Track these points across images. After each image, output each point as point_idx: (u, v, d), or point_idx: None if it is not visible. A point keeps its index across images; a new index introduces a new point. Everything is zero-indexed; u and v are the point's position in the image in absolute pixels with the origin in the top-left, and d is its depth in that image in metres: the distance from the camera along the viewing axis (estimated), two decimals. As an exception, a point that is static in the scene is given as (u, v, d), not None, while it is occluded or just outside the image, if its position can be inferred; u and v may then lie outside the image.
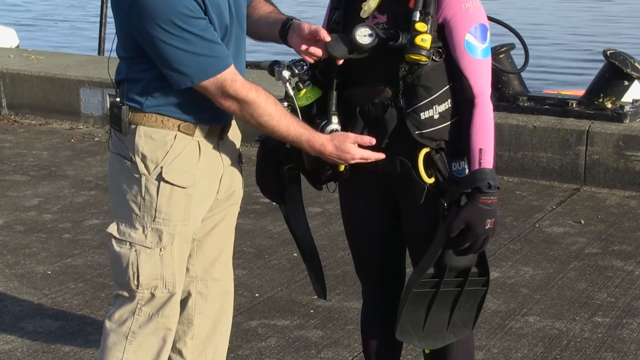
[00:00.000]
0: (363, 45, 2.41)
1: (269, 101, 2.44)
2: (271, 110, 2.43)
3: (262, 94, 2.44)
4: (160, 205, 2.48)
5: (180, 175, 2.49)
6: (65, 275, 4.52)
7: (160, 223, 2.49)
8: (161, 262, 2.50)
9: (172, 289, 2.54)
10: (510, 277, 4.48)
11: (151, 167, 2.48)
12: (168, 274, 2.52)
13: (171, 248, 2.51)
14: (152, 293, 2.53)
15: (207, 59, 2.35)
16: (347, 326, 3.93)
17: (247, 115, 2.44)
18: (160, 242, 2.49)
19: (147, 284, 2.51)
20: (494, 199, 2.42)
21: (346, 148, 2.48)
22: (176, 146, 2.48)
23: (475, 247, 2.46)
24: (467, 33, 2.41)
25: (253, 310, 4.10)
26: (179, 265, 2.55)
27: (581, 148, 6.00)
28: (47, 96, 8.08)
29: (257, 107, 2.42)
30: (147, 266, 2.50)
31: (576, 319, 4.00)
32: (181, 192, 2.50)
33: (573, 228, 5.24)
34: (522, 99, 6.32)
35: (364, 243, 2.74)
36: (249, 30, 2.64)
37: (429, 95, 2.44)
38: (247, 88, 2.41)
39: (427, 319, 2.59)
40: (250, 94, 2.41)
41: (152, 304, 2.54)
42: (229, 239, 2.77)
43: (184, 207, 2.51)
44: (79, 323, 3.96)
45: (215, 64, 2.36)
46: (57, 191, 5.99)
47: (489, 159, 2.42)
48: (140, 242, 2.49)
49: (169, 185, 2.48)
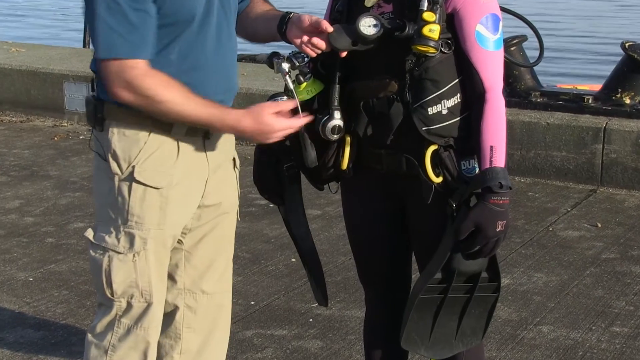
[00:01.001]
0: (368, 36, 2.42)
1: (169, 86, 2.38)
2: (172, 97, 2.38)
3: (162, 80, 2.38)
4: (132, 207, 2.47)
5: (155, 175, 2.47)
6: (48, 282, 4.52)
7: (133, 227, 2.48)
8: (135, 268, 2.50)
9: (148, 297, 2.53)
10: (522, 284, 4.49)
11: (123, 166, 2.47)
12: (143, 281, 2.51)
13: (145, 254, 2.49)
14: (128, 302, 2.52)
15: (120, 39, 2.33)
16: (348, 336, 3.93)
17: (144, 104, 2.39)
18: (133, 247, 2.48)
19: (122, 292, 2.51)
20: (506, 199, 2.43)
21: (265, 120, 2.42)
22: (150, 144, 2.47)
23: (485, 251, 2.46)
24: (478, 23, 2.42)
25: (248, 319, 4.11)
26: (157, 273, 2.54)
27: (598, 146, 6.01)
28: (28, 91, 8.09)
29: (155, 95, 2.36)
30: (120, 273, 2.49)
31: (592, 328, 4.01)
32: (155, 193, 2.48)
33: (589, 232, 5.25)
34: (534, 94, 6.34)
35: (368, 247, 2.75)
36: (246, 31, 2.65)
37: (437, 89, 2.44)
38: (148, 77, 2.36)
39: (434, 327, 2.60)
40: (147, 81, 2.35)
41: (130, 314, 2.54)
42: (221, 251, 2.74)
43: (158, 210, 2.49)
44: (63, 333, 3.96)
45: (124, 46, 2.34)
46: (40, 193, 5.99)
47: (501, 157, 2.43)
48: (113, 246, 2.49)
49: (142, 185, 2.47)
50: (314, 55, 2.51)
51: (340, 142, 2.60)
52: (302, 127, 2.57)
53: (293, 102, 2.48)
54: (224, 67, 2.53)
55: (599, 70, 12.46)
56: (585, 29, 18.61)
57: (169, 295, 2.70)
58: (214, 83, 2.51)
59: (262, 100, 2.49)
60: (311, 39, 2.47)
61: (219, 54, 2.50)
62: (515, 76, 6.38)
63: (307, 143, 2.59)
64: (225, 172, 2.68)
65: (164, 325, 2.72)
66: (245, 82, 6.97)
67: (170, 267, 2.67)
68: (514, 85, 6.36)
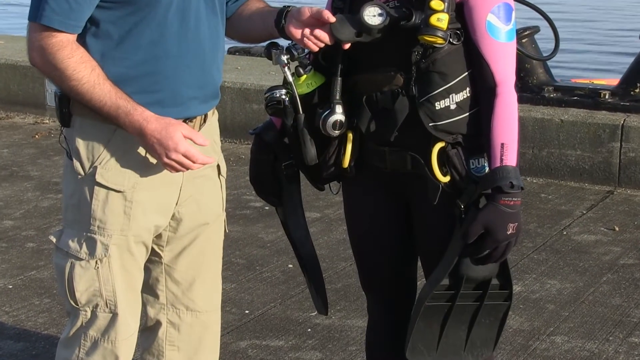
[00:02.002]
0: (372, 27, 2.42)
1: (83, 65, 2.40)
2: (82, 75, 2.39)
3: (78, 57, 2.40)
4: (94, 211, 2.48)
5: (118, 177, 2.48)
6: (29, 289, 4.52)
7: (95, 231, 2.49)
8: (98, 276, 2.50)
9: (113, 307, 2.53)
10: (534, 292, 4.50)
11: (86, 166, 2.48)
12: (107, 290, 2.52)
13: (108, 261, 2.50)
14: (93, 312, 2.54)
15: (46, 5, 2.37)
16: (349, 347, 3.94)
17: (54, 77, 2.41)
18: (95, 254, 2.49)
19: (87, 301, 2.52)
20: (517, 200, 2.43)
21: (173, 133, 2.40)
22: (114, 143, 2.47)
23: (495, 256, 2.47)
24: (489, 13, 2.42)
25: (242, 329, 4.11)
26: (123, 282, 2.54)
27: (615, 145, 6.01)
28: (8, 86, 8.09)
29: (65, 69, 2.39)
30: (82, 281, 2.51)
31: (610, 339, 4.01)
32: (119, 196, 2.48)
33: (606, 236, 5.26)
34: (547, 89, 6.34)
35: (371, 251, 2.75)
36: (239, 31, 2.66)
37: (445, 82, 2.45)
38: (64, 49, 2.39)
39: (441, 337, 2.60)
40: (60, 53, 2.39)
41: (96, 325, 2.54)
42: (206, 265, 2.74)
43: (122, 215, 2.49)
44: (45, 344, 3.96)
45: (48, 13, 2.37)
46: (20, 194, 5.99)
47: (512, 155, 2.43)
48: (75, 252, 2.51)
49: (104, 188, 2.48)
50: (315, 49, 2.51)
51: (342, 139, 2.60)
52: (302, 122, 2.57)
53: (203, 137, 2.48)
54: (201, 60, 2.52)
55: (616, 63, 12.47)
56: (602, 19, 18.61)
57: (151, 310, 2.73)
58: (187, 76, 2.51)
59: (257, 96, 2.50)
60: (313, 32, 2.47)
61: (195, 46, 2.50)
62: (527, 70, 6.38)
63: (306, 139, 2.59)
64: (206, 181, 2.67)
65: (147, 341, 2.74)
66: (239, 76, 6.97)
67: (152, 280, 2.69)
68: (525, 80, 6.36)
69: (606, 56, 14.19)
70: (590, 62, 13.57)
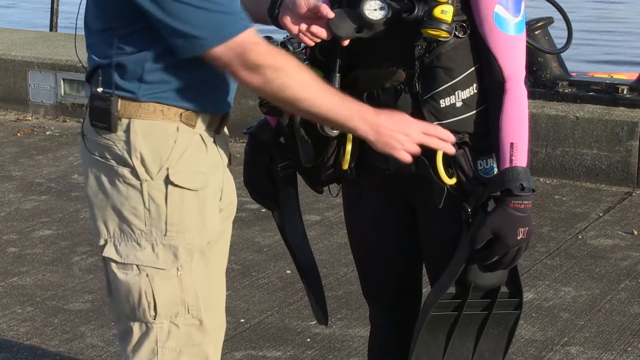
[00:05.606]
0: (374, 21, 2.42)
1: (302, 68, 2.37)
2: (305, 79, 2.35)
3: (293, 61, 2.37)
4: (170, 215, 2.43)
5: (190, 176, 2.44)
6: (11, 297, 4.53)
7: (174, 237, 2.43)
8: (180, 284, 2.45)
9: (196, 313, 2.48)
10: (547, 299, 4.50)
11: (154, 169, 2.42)
12: (190, 297, 2.47)
13: (190, 266, 2.45)
14: (173, 322, 2.47)
15: (224, 17, 2.30)
16: (350, 358, 3.95)
17: (275, 88, 2.35)
18: (177, 261, 2.44)
19: (165, 313, 2.46)
20: (528, 203, 2.43)
21: (406, 118, 2.42)
22: (181, 140, 2.43)
23: (505, 262, 2.47)
24: (497, 4, 2.43)
25: (238, 338, 4.12)
26: (203, 285, 2.49)
27: (634, 143, 6.02)
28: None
29: (288, 75, 2.34)
30: (164, 292, 2.44)
31: (628, 349, 4.02)
32: (193, 196, 2.45)
33: (624, 240, 5.27)
34: (562, 84, 6.35)
35: (373, 257, 2.76)
36: None
37: (450, 78, 2.45)
38: (274, 52, 2.35)
39: (447, 348, 2.61)
40: (279, 59, 2.34)
41: (177, 336, 2.48)
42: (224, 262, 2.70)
43: (198, 215, 2.46)
44: (27, 355, 3.97)
45: (234, 22, 2.31)
46: (1, 196, 6.00)
47: (522, 155, 2.44)
48: (151, 263, 2.44)
49: (178, 189, 2.43)
50: (312, 45, 2.51)
51: (341, 139, 2.60)
52: (298, 121, 2.57)
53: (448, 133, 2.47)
54: None
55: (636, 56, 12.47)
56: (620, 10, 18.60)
57: None
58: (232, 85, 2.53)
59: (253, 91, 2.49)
60: (310, 27, 2.47)
61: None
62: (540, 64, 6.39)
63: (303, 139, 2.60)
64: (228, 169, 2.66)
65: None
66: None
67: None
68: (538, 74, 6.37)
69: (625, 49, 14.18)
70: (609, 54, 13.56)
